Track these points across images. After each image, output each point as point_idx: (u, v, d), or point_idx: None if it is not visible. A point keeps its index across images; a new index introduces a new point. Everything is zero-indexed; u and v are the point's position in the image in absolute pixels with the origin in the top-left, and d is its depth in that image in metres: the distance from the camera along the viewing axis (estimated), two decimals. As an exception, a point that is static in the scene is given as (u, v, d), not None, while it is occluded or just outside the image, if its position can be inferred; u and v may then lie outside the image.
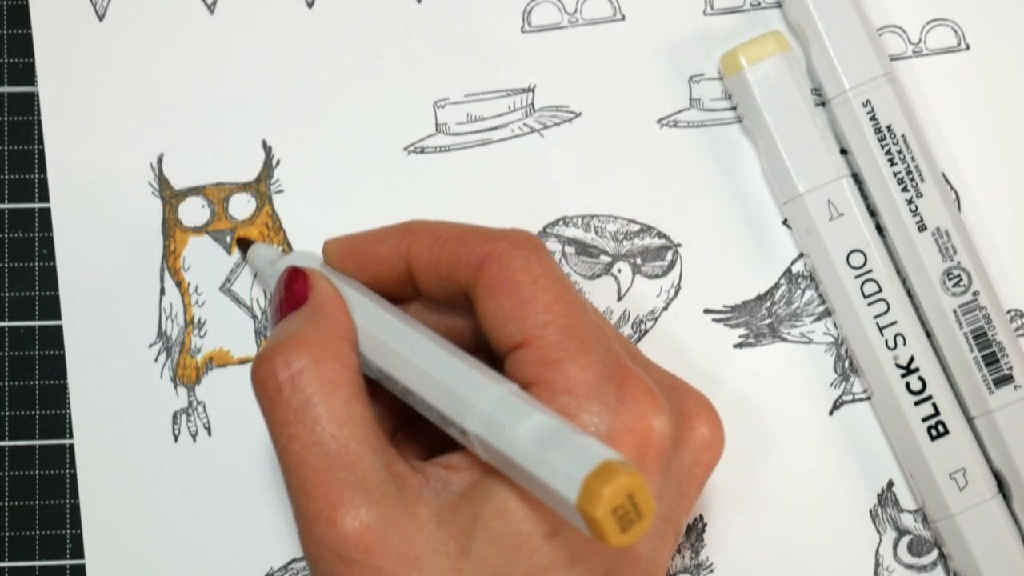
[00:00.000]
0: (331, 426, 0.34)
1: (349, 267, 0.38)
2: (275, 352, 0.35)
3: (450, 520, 0.33)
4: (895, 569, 0.45)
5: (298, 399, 0.34)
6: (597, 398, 0.33)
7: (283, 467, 0.34)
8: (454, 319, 0.39)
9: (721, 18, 0.45)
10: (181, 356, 0.44)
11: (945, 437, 0.43)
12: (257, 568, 0.44)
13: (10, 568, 0.44)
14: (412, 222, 0.38)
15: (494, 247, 0.35)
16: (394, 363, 0.35)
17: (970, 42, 0.45)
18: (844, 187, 0.43)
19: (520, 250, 0.35)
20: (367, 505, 0.33)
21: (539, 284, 0.35)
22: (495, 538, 0.33)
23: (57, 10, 0.45)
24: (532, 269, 0.35)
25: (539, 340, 0.34)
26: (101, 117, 0.45)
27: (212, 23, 0.45)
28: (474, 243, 0.36)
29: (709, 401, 0.37)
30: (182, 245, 0.45)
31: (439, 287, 0.37)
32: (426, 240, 0.37)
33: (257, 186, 0.45)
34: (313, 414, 0.34)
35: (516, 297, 0.34)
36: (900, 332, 0.43)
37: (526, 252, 0.35)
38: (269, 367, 0.35)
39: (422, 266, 0.37)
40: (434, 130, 0.45)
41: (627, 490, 0.29)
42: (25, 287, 0.44)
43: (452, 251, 0.36)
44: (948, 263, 0.43)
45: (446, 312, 0.39)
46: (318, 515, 0.33)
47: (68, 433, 0.44)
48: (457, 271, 0.36)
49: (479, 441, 0.32)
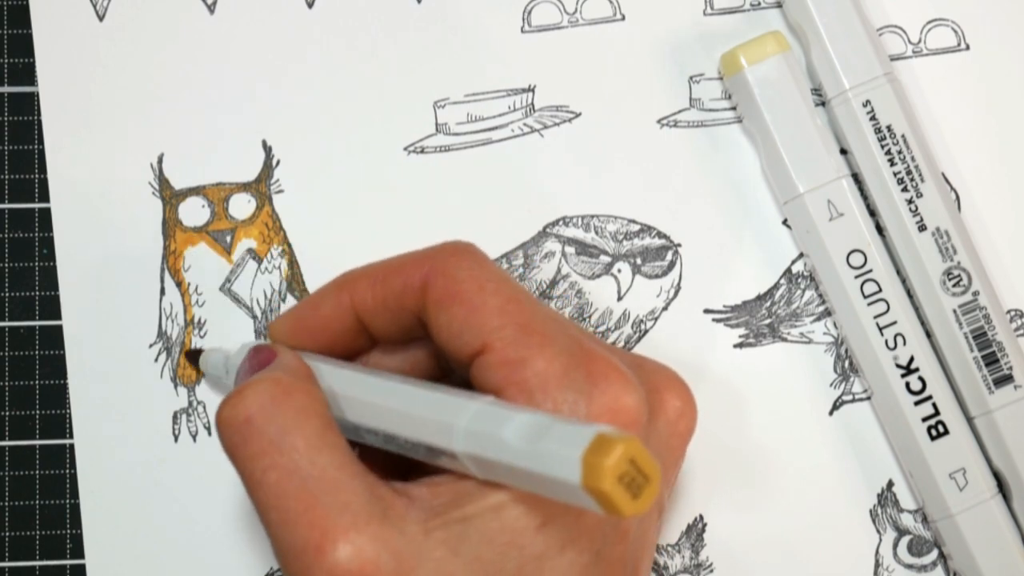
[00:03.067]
0: (309, 453, 0.33)
1: (301, 340, 0.38)
2: (243, 389, 0.35)
3: (439, 527, 0.33)
4: (895, 569, 0.45)
5: (273, 428, 0.34)
6: (569, 386, 0.33)
7: (259, 501, 0.34)
8: (414, 354, 0.39)
9: (721, 18, 0.45)
10: (181, 356, 0.44)
11: (945, 437, 0.43)
12: (257, 568, 0.44)
13: (10, 568, 0.44)
14: (345, 274, 0.38)
15: (433, 264, 0.35)
16: (370, 414, 0.35)
17: (970, 42, 0.45)
18: (844, 187, 0.43)
19: (460, 259, 0.35)
20: (356, 529, 0.32)
21: (487, 288, 0.35)
22: (487, 537, 0.33)
23: (57, 10, 0.45)
24: (477, 275, 0.35)
25: (499, 342, 0.34)
26: (101, 117, 0.44)
27: (212, 23, 0.45)
28: (413, 266, 0.36)
29: (675, 372, 0.37)
30: (182, 245, 0.45)
31: (392, 323, 0.37)
32: (365, 283, 0.37)
33: (257, 186, 0.45)
34: (290, 442, 0.33)
35: (467, 305, 0.35)
36: (900, 332, 0.43)
37: (467, 260, 0.35)
38: (236, 402, 0.34)
39: (369, 309, 0.37)
40: (434, 130, 0.45)
41: (628, 456, 0.29)
42: (25, 287, 0.44)
43: (393, 282, 0.36)
44: (948, 263, 0.43)
45: (404, 350, 0.39)
46: (305, 546, 0.32)
47: (68, 433, 0.44)
48: (404, 300, 0.36)
49: (471, 460, 0.32)
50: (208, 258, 0.45)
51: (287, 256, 0.45)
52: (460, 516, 0.33)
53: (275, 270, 0.45)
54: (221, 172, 0.45)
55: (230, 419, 0.34)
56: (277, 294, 0.45)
